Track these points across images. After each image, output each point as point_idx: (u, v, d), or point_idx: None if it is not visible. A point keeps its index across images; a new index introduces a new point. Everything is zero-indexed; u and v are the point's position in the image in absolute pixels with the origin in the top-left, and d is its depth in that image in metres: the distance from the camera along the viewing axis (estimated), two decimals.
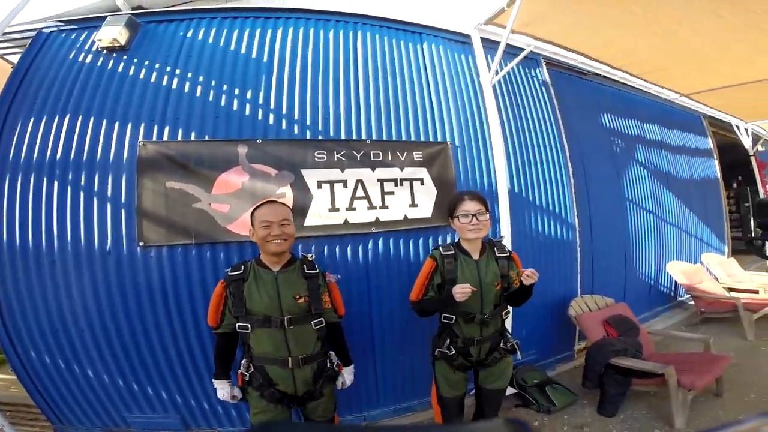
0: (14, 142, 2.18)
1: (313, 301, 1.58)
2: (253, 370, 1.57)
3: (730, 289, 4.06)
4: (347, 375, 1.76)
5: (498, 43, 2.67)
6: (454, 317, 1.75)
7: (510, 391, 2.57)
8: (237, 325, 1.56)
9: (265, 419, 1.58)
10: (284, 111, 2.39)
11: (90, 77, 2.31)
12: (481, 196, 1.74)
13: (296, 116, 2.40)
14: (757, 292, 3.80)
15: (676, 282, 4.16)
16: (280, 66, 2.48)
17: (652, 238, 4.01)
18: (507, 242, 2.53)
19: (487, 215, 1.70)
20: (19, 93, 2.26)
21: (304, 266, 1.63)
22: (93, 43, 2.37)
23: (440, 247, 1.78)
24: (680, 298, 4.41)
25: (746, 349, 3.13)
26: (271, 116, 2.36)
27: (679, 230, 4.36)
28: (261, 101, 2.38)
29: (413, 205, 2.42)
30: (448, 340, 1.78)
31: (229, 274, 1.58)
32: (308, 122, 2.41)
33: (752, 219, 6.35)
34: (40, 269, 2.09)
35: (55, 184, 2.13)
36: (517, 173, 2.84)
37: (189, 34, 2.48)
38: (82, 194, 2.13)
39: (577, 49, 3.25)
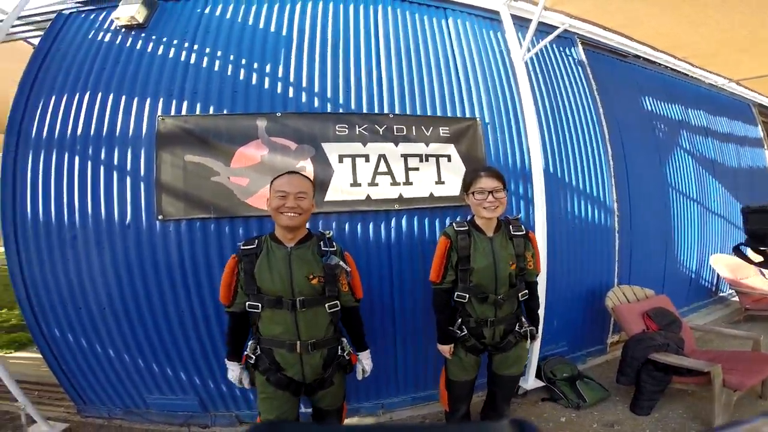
0: (36, 120, 2.17)
1: (328, 283, 1.46)
2: (260, 352, 1.48)
3: None
4: (366, 361, 1.65)
5: (529, 20, 2.54)
6: (467, 296, 1.67)
7: (537, 384, 2.47)
8: (247, 304, 1.46)
9: (272, 406, 1.49)
10: (304, 84, 2.30)
11: (109, 55, 2.29)
12: (499, 173, 1.65)
13: (316, 89, 2.31)
14: None
15: (718, 276, 3.88)
16: (300, 40, 2.40)
17: (695, 228, 3.74)
18: (541, 225, 2.36)
19: (504, 193, 1.62)
20: (40, 73, 2.26)
21: (321, 243, 1.52)
22: (111, 22, 2.35)
23: (453, 224, 1.71)
24: (722, 294, 4.11)
25: None
26: (291, 89, 2.28)
27: (724, 221, 4.05)
28: (280, 75, 2.30)
29: (440, 182, 2.29)
30: (460, 320, 1.71)
31: (242, 248, 1.48)
32: (329, 95, 2.31)
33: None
34: (63, 245, 2.08)
35: (76, 159, 2.11)
36: (551, 153, 2.67)
37: (207, 11, 2.43)
38: (102, 169, 2.10)
39: (616, 29, 3.03)
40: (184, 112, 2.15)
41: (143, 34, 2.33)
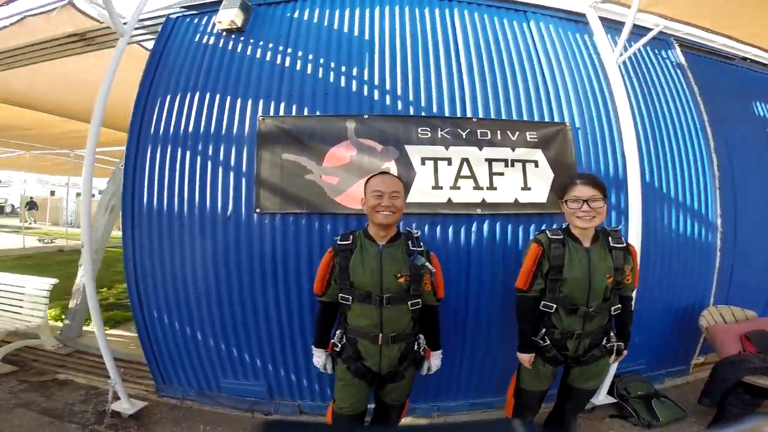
0: (154, 118, 2.43)
1: (413, 282, 1.52)
2: (345, 341, 1.57)
3: None
4: (435, 360, 1.68)
5: (616, 21, 2.43)
6: (554, 306, 1.59)
7: (608, 400, 2.36)
8: (339, 296, 1.55)
9: (348, 393, 1.58)
10: (388, 87, 2.36)
11: (213, 58, 2.49)
12: (598, 181, 1.57)
13: (399, 92, 2.35)
14: None
15: None
16: (381, 43, 2.47)
17: None
18: (636, 237, 2.19)
19: (602, 202, 1.53)
20: (156, 76, 2.52)
21: (409, 242, 1.57)
22: (213, 26, 2.54)
23: (547, 231, 1.64)
24: None
25: None
26: (376, 92, 2.35)
27: None
28: (366, 78, 2.37)
29: (526, 188, 2.22)
30: (544, 330, 1.63)
31: (339, 243, 1.57)
32: (411, 98, 2.35)
33: None
34: (171, 233, 2.30)
35: (187, 154, 2.33)
36: (648, 161, 2.48)
37: (296, 15, 2.57)
38: (209, 164, 2.29)
39: (715, 29, 2.74)
40: (281, 113, 2.29)
41: (242, 38, 2.51)
